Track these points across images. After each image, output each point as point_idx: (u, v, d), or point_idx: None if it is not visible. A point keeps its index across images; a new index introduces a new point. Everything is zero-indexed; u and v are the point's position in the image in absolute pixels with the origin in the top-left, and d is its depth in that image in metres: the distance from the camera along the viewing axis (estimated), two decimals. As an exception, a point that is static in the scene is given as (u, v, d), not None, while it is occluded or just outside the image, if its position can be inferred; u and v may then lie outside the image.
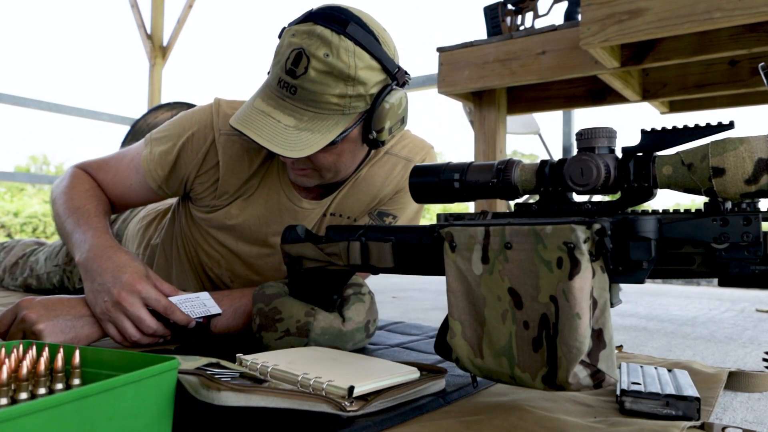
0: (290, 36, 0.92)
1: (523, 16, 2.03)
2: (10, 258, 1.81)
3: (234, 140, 1.07)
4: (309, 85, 0.89)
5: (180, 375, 0.57)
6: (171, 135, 1.10)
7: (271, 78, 0.94)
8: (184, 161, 1.10)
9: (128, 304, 0.89)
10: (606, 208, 0.67)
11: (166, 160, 1.10)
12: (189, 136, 1.09)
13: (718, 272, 0.60)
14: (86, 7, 37.05)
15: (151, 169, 1.11)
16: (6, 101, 4.01)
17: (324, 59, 0.88)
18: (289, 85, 0.90)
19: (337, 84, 0.90)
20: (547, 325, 0.60)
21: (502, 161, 0.73)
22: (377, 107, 0.94)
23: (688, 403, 0.68)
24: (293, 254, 0.92)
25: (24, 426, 0.40)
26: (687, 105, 2.43)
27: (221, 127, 1.08)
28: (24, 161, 13.58)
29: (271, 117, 0.92)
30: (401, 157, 1.15)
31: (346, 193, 1.13)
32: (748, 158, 0.57)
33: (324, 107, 0.91)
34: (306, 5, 1.00)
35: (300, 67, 0.89)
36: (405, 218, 1.18)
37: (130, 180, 1.13)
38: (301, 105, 0.91)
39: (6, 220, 8.77)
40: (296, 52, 0.89)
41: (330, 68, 0.89)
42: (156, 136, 1.13)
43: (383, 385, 0.68)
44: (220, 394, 0.55)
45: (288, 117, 0.91)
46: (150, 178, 1.11)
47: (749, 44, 1.61)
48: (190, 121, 1.10)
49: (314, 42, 0.89)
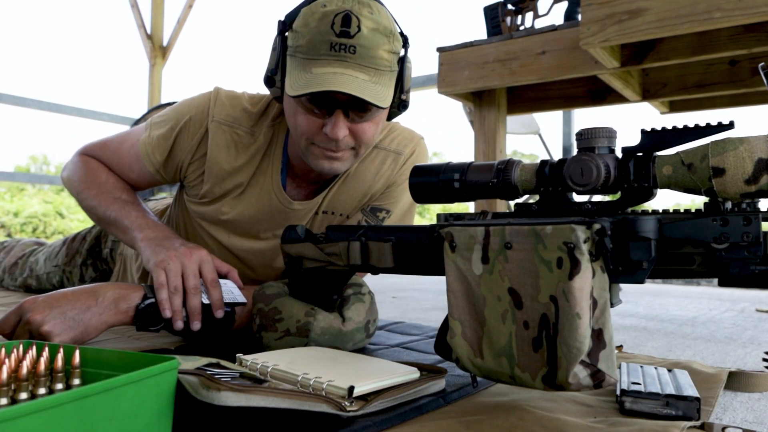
0: (321, 7, 0.92)
1: (523, 16, 2.03)
2: (9, 258, 1.80)
3: (224, 129, 1.08)
4: (365, 42, 0.91)
5: (180, 375, 0.57)
6: (169, 119, 1.11)
7: (316, 48, 0.91)
8: (180, 146, 1.11)
9: (189, 259, 0.95)
10: (606, 208, 0.67)
11: (163, 144, 1.11)
12: (186, 121, 1.10)
13: (718, 272, 0.60)
14: (86, 7, 37.09)
15: (149, 152, 1.12)
16: (6, 101, 4.01)
17: (370, 16, 0.91)
18: (347, 45, 0.90)
19: (385, 39, 0.93)
20: (547, 325, 0.60)
21: (502, 161, 0.73)
22: (405, 67, 0.99)
23: (688, 403, 0.68)
24: (293, 254, 0.92)
25: (24, 426, 0.40)
26: (687, 105, 2.43)
27: (215, 115, 1.09)
28: (24, 161, 13.57)
29: (346, 74, 0.90)
30: (390, 150, 1.15)
31: (337, 190, 1.13)
32: (748, 158, 0.57)
33: (380, 63, 0.93)
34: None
35: (353, 26, 0.90)
36: (399, 212, 1.17)
37: (130, 164, 1.15)
38: (363, 62, 0.92)
39: (6, 220, 8.77)
40: (342, 15, 0.90)
41: (377, 24, 0.92)
42: (156, 120, 1.14)
43: (383, 385, 0.68)
44: (220, 394, 0.55)
45: (360, 73, 0.92)
46: (148, 161, 1.12)
47: (749, 44, 1.61)
48: (189, 107, 1.11)
49: (354, 4, 0.91)
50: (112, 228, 1.11)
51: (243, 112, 1.09)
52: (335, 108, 0.93)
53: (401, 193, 1.17)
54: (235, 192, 1.12)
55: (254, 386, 0.59)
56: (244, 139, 1.09)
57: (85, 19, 37.50)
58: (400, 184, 1.16)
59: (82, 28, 38.17)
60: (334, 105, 0.93)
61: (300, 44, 0.93)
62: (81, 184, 1.15)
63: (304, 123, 0.96)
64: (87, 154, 1.19)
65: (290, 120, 1.00)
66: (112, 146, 1.18)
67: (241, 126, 1.09)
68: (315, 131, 0.96)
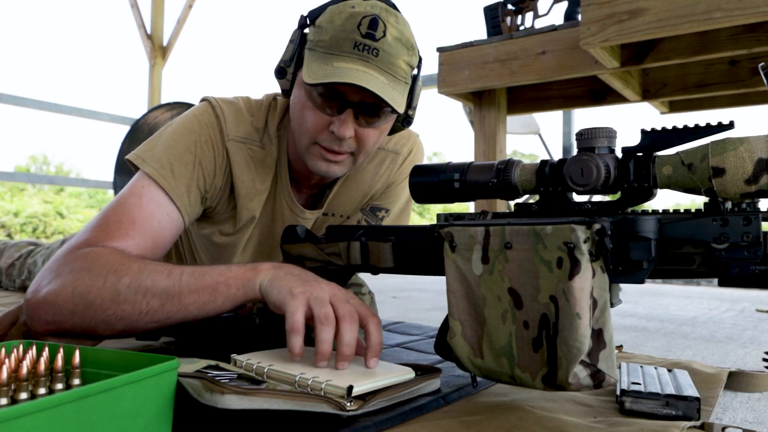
0: (350, 8, 0.91)
1: (523, 16, 2.03)
2: (5, 260, 1.80)
3: (240, 147, 1.01)
4: (388, 48, 0.91)
5: (182, 378, 0.57)
6: (178, 147, 0.96)
7: (339, 44, 0.90)
8: (203, 174, 0.97)
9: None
10: (606, 208, 0.67)
11: (186, 175, 0.94)
12: (202, 144, 0.97)
13: (718, 272, 0.60)
14: (86, 7, 37.05)
15: (174, 189, 0.92)
16: (6, 101, 4.01)
17: (395, 25, 0.92)
18: (370, 47, 0.90)
19: (405, 51, 0.93)
20: (547, 325, 0.60)
21: (502, 161, 0.73)
22: (416, 84, 0.99)
23: (688, 403, 0.68)
24: (293, 254, 0.92)
25: (24, 426, 0.40)
26: (687, 105, 2.43)
27: (229, 133, 1.00)
28: (24, 161, 13.56)
29: (368, 73, 0.89)
30: (389, 150, 1.15)
31: (337, 192, 1.12)
32: (748, 158, 0.57)
33: (398, 72, 0.93)
34: (306, 6, 1.00)
35: (378, 31, 0.90)
36: (397, 210, 1.17)
37: (155, 218, 0.90)
38: (384, 66, 0.91)
39: (6, 220, 8.77)
40: (370, 18, 0.90)
41: (401, 34, 0.92)
42: (158, 154, 0.94)
43: (381, 384, 0.68)
44: (224, 397, 0.55)
45: (380, 75, 0.91)
46: (178, 200, 0.93)
47: (749, 44, 1.61)
48: (192, 129, 0.98)
49: (382, 11, 0.92)
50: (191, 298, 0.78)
51: (250, 126, 1.03)
52: (346, 107, 0.92)
53: (400, 191, 1.17)
54: (258, 210, 1.06)
55: (256, 388, 0.59)
56: (259, 154, 1.04)
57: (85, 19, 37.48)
58: (399, 183, 1.16)
59: (83, 28, 38.15)
60: (346, 104, 0.92)
61: (322, 39, 0.92)
62: (100, 279, 0.77)
63: (311, 119, 0.94)
64: (82, 248, 0.82)
65: (296, 115, 0.98)
66: (113, 218, 0.88)
67: (253, 141, 1.03)
68: (320, 129, 0.94)
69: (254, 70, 40.07)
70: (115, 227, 0.86)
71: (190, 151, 0.95)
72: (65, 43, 38.78)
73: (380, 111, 0.93)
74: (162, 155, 0.93)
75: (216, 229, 1.07)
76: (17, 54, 37.24)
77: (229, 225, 1.07)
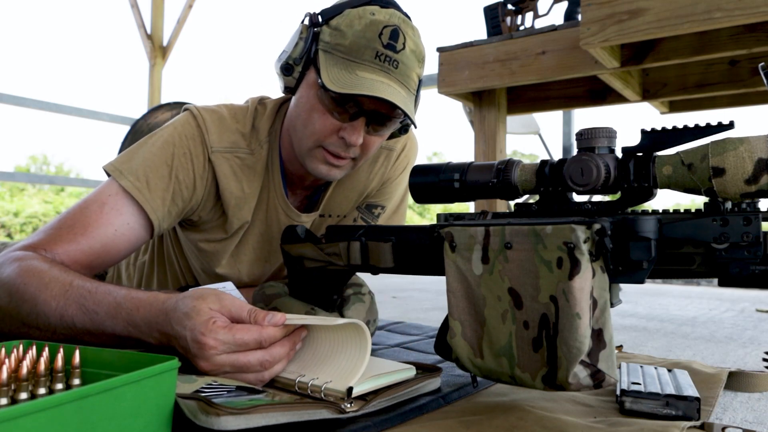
0: (370, 14, 0.91)
1: (523, 16, 2.03)
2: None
3: (226, 158, 1.00)
4: (406, 60, 0.92)
5: (178, 399, 0.56)
6: (155, 160, 0.96)
7: (359, 51, 0.90)
8: (181, 186, 0.98)
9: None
10: (606, 208, 0.67)
11: (162, 186, 0.95)
12: (180, 157, 0.97)
13: (718, 272, 0.60)
14: (86, 7, 37.04)
15: (148, 199, 0.93)
16: (6, 101, 4.01)
17: (413, 38, 0.92)
18: (391, 59, 0.90)
19: (418, 64, 0.94)
20: (547, 325, 0.60)
21: (502, 161, 0.73)
22: (419, 95, 0.99)
23: (688, 403, 0.68)
24: (293, 254, 0.92)
25: (24, 426, 0.40)
26: (687, 105, 2.43)
27: (212, 144, 0.99)
28: (24, 161, 13.58)
29: (392, 87, 0.90)
30: (382, 147, 1.14)
31: (333, 192, 1.12)
32: (748, 158, 0.57)
33: (411, 84, 0.94)
34: (306, 6, 1.00)
35: (399, 42, 0.91)
36: (392, 206, 1.18)
37: (112, 225, 0.91)
38: (401, 79, 0.92)
39: (6, 220, 8.78)
40: (392, 29, 0.90)
41: (416, 47, 0.93)
42: (137, 165, 0.94)
43: (381, 384, 0.68)
44: (220, 420, 0.54)
45: (401, 88, 0.92)
46: (149, 208, 0.93)
47: (749, 44, 1.61)
48: (172, 142, 0.97)
49: (401, 22, 0.92)
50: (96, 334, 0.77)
51: (236, 133, 1.02)
52: (360, 115, 0.92)
53: (395, 188, 1.17)
54: (249, 216, 1.05)
55: (254, 403, 0.58)
56: (247, 161, 1.02)
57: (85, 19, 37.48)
58: (394, 179, 1.16)
59: (82, 28, 38.14)
60: (361, 112, 0.92)
61: (341, 43, 0.91)
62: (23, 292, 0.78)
63: (319, 122, 0.93)
64: (20, 259, 0.82)
65: (302, 116, 0.96)
66: (67, 222, 0.89)
67: (240, 149, 1.02)
68: (329, 133, 0.94)
69: (254, 70, 40.05)
70: (66, 231, 0.88)
71: (167, 164, 0.96)
72: (65, 43, 38.77)
73: (389, 120, 0.94)
74: (139, 168, 0.94)
75: (203, 237, 1.07)
76: (17, 54, 37.24)
77: (218, 232, 1.06)
